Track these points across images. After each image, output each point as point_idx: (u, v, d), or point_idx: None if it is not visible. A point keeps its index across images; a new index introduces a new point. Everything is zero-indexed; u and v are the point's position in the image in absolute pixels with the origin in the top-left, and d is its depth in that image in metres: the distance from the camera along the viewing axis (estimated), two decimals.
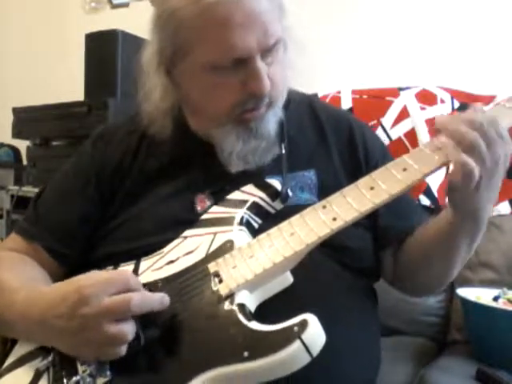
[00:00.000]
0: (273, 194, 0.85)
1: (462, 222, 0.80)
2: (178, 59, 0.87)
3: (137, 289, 0.72)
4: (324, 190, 0.78)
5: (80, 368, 0.72)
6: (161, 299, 0.72)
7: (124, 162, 0.95)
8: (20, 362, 0.81)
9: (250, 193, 0.85)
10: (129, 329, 0.69)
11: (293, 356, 0.64)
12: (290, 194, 0.85)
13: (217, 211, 0.86)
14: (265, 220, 0.84)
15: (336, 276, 0.85)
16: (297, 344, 0.63)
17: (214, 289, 0.74)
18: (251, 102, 0.84)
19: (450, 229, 0.83)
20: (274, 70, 0.85)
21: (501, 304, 1.13)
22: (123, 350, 0.70)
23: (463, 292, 1.18)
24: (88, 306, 0.69)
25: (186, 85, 0.89)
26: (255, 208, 0.84)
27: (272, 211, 0.85)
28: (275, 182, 0.86)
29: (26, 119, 1.97)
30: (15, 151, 2.34)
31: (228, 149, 0.88)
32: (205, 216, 0.86)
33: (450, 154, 0.71)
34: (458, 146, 0.70)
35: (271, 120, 0.87)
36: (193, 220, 0.86)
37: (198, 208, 0.88)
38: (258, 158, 0.88)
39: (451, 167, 0.71)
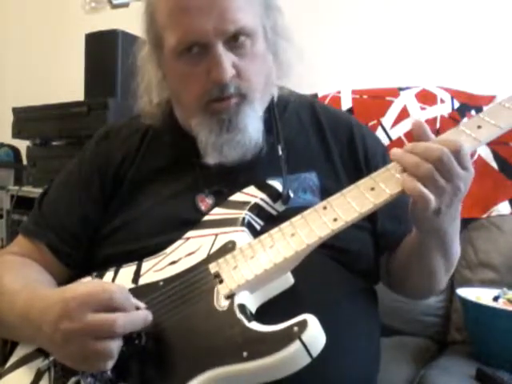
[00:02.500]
0: (274, 195, 0.85)
1: (427, 239, 0.81)
2: (159, 50, 0.89)
3: (122, 307, 0.69)
4: (326, 192, 0.77)
5: None
6: (144, 318, 0.71)
7: (126, 162, 0.96)
8: (22, 362, 0.81)
9: (251, 194, 0.85)
10: (113, 346, 0.68)
11: (292, 356, 0.64)
12: (292, 195, 0.85)
13: (218, 213, 0.86)
14: (267, 221, 0.83)
15: (337, 277, 0.85)
16: (296, 344, 0.63)
17: (215, 289, 0.74)
18: (215, 91, 0.84)
19: (418, 244, 0.84)
20: (245, 62, 0.85)
21: (501, 304, 1.13)
22: (109, 364, 0.68)
23: (463, 292, 1.18)
24: (70, 321, 0.68)
25: (167, 76, 0.91)
26: (257, 209, 0.84)
27: (274, 213, 0.85)
28: (276, 184, 0.86)
29: (26, 119, 1.97)
30: (15, 151, 2.34)
31: (203, 140, 0.88)
32: (207, 217, 0.86)
33: (405, 182, 0.70)
34: (414, 178, 0.69)
35: (248, 115, 0.86)
36: (197, 219, 0.86)
37: (202, 208, 0.88)
38: (234, 151, 0.87)
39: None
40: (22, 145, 2.15)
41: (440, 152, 0.69)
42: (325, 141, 0.96)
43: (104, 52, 1.85)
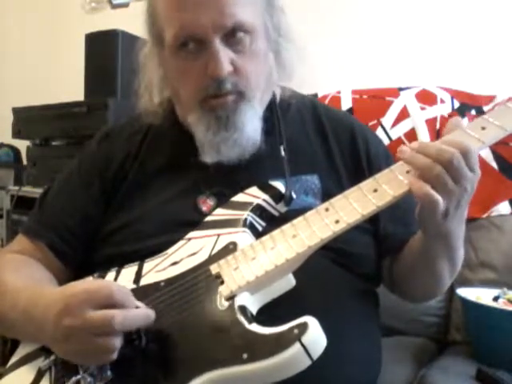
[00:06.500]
0: (276, 196, 0.84)
1: (434, 244, 0.81)
2: (160, 48, 0.89)
3: (121, 304, 0.69)
4: (327, 195, 0.77)
5: (81, 368, 0.72)
6: (146, 316, 0.71)
7: (127, 162, 0.96)
8: (23, 361, 0.81)
9: (253, 195, 0.85)
10: (114, 342, 0.68)
11: (292, 359, 0.63)
12: (294, 196, 0.85)
13: (221, 213, 0.85)
14: (269, 223, 0.83)
15: (339, 280, 0.85)
16: (297, 347, 0.63)
17: (216, 290, 0.74)
18: (212, 87, 0.84)
19: (424, 248, 0.84)
20: (243, 60, 0.85)
21: (501, 304, 1.13)
22: (112, 357, 0.69)
23: (463, 292, 1.18)
24: (71, 317, 0.69)
25: (167, 73, 0.91)
26: (259, 210, 0.84)
27: (276, 214, 0.84)
28: (279, 185, 0.85)
29: (26, 119, 1.97)
30: (15, 151, 2.33)
31: (200, 137, 0.88)
32: (209, 218, 0.86)
33: (413, 184, 0.69)
34: (422, 178, 0.69)
35: (246, 113, 0.86)
36: (199, 221, 0.86)
37: (204, 209, 0.88)
38: (231, 150, 0.87)
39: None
40: (22, 145, 2.15)
41: (451, 154, 0.68)
42: (327, 142, 0.96)
43: (104, 52, 1.84)
